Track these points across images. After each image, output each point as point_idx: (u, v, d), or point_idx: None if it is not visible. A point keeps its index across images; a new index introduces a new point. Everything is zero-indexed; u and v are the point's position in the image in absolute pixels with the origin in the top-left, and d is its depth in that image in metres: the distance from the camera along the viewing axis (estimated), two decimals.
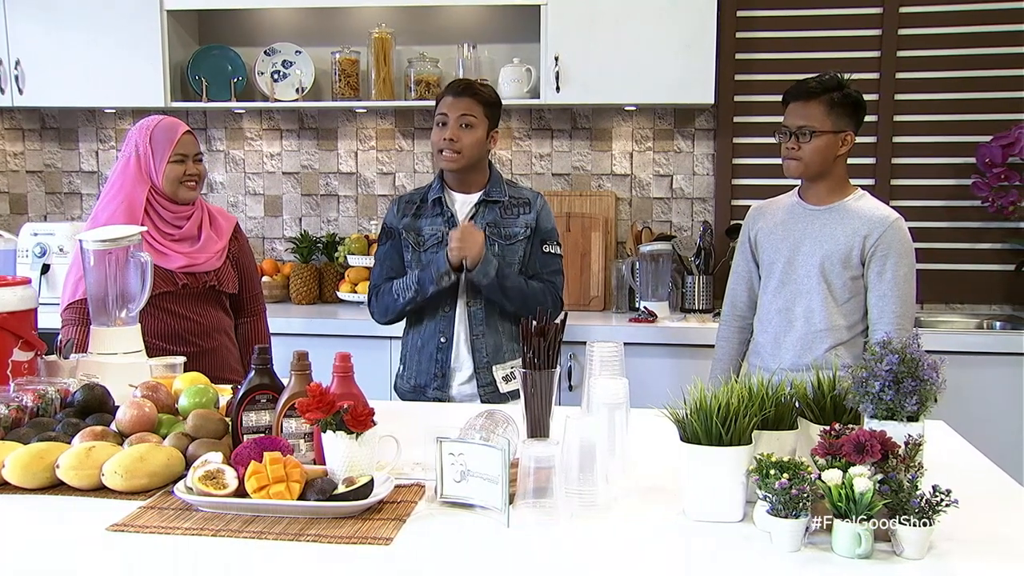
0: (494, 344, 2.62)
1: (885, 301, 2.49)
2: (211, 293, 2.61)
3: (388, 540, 1.42)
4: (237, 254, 2.71)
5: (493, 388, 2.62)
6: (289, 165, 4.20)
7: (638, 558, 1.39)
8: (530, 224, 2.63)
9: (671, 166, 3.99)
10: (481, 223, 2.60)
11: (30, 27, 3.83)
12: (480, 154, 2.61)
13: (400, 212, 2.70)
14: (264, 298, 2.88)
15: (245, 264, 2.75)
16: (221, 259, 2.63)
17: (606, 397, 1.74)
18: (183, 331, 2.56)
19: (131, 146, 2.55)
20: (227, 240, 2.66)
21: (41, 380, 2.01)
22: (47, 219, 4.33)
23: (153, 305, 2.48)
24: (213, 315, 2.63)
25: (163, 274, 2.49)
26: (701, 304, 3.76)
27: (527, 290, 2.59)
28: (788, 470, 1.40)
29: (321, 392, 1.57)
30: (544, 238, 2.66)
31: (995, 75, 3.72)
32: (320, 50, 3.97)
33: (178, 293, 2.54)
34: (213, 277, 2.59)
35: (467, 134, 2.56)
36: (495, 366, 2.62)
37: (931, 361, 1.53)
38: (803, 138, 2.49)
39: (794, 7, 3.81)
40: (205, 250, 2.59)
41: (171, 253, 2.54)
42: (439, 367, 2.63)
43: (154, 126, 2.55)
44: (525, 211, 2.64)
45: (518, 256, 2.62)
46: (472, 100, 2.58)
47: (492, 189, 2.65)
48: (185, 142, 2.55)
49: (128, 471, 1.60)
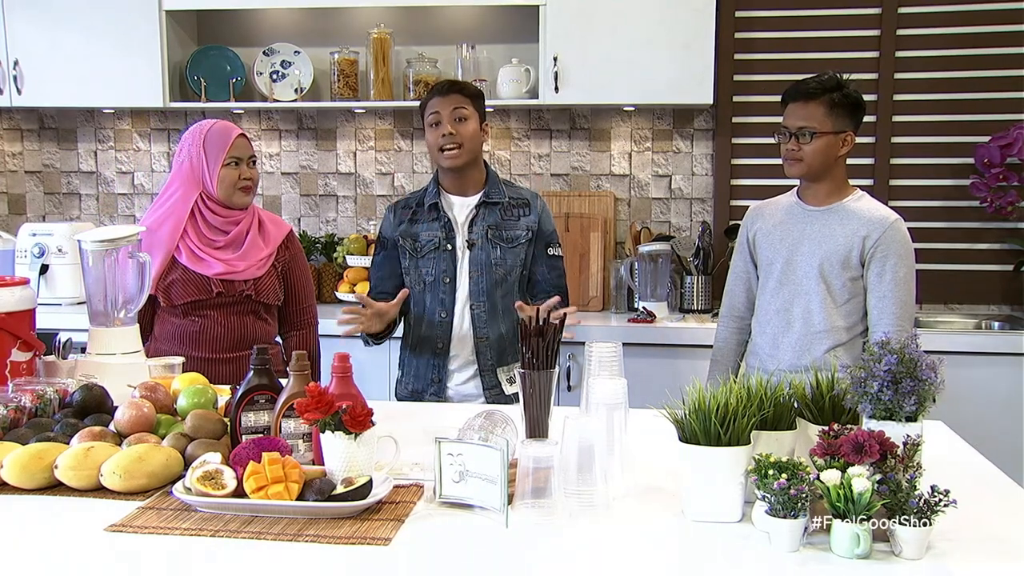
0: (499, 346, 2.62)
1: (885, 302, 2.48)
2: (247, 302, 2.54)
3: (387, 540, 1.42)
4: (288, 264, 2.63)
5: (499, 391, 2.62)
6: (288, 165, 4.20)
7: (637, 558, 1.39)
8: (531, 226, 2.63)
9: (670, 166, 3.99)
10: (482, 226, 2.60)
11: (28, 27, 3.82)
12: (479, 147, 2.63)
13: (396, 219, 2.69)
14: (317, 310, 2.77)
15: (296, 275, 2.66)
16: (263, 268, 2.54)
17: (605, 397, 1.73)
18: (215, 338, 2.50)
19: (184, 151, 2.50)
20: (274, 248, 2.58)
21: (40, 380, 2.01)
22: (46, 219, 4.33)
23: (185, 311, 2.47)
24: (248, 324, 2.55)
25: (198, 281, 2.46)
26: (700, 304, 3.76)
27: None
28: (787, 470, 1.40)
29: (320, 392, 1.57)
30: (548, 241, 2.67)
31: (994, 75, 3.72)
32: (319, 50, 3.97)
33: (212, 300, 2.48)
34: (251, 286, 2.51)
35: (464, 126, 2.57)
36: (499, 368, 2.63)
37: (929, 361, 1.53)
38: (804, 139, 2.49)
39: (793, 7, 3.82)
40: (246, 258, 2.52)
41: (210, 259, 2.48)
42: (436, 372, 2.64)
43: (207, 130, 2.50)
44: (525, 212, 2.64)
45: (520, 259, 2.62)
46: (460, 95, 2.59)
47: (491, 190, 2.64)
48: (239, 145, 2.50)
49: (127, 471, 1.60)
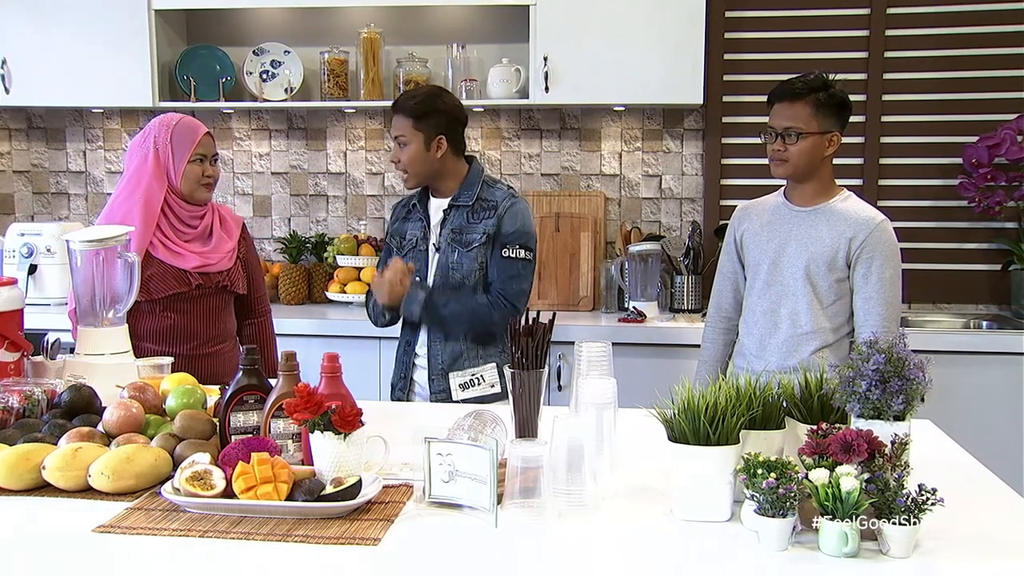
0: (451, 351, 2.61)
1: (871, 304, 2.48)
2: (221, 294, 2.59)
3: (376, 541, 1.42)
4: (245, 254, 2.69)
5: (446, 396, 2.61)
6: (278, 165, 4.19)
7: (626, 558, 1.39)
8: (488, 230, 2.57)
9: (660, 166, 3.99)
10: (448, 229, 2.61)
11: (17, 26, 3.81)
12: (429, 166, 2.59)
13: (393, 217, 2.77)
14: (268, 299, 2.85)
15: (253, 265, 2.73)
16: (232, 260, 2.60)
17: (594, 397, 1.74)
18: (194, 332, 2.53)
19: (149, 142, 2.50)
20: (236, 240, 2.65)
21: (28, 381, 2.01)
22: (34, 219, 4.30)
23: (164, 306, 2.47)
24: (223, 317, 2.61)
25: (177, 274, 2.48)
26: (690, 304, 3.77)
27: (467, 313, 2.55)
28: (775, 469, 1.41)
29: (309, 392, 1.57)
30: (505, 242, 2.58)
31: (982, 76, 3.74)
32: (309, 50, 3.96)
33: (190, 294, 2.51)
34: (226, 277, 2.57)
35: (404, 153, 2.59)
36: (452, 373, 2.61)
37: (917, 360, 1.53)
38: (789, 139, 2.49)
39: (783, 8, 3.83)
40: (218, 250, 2.57)
41: (185, 253, 2.51)
42: (404, 369, 2.70)
43: (175, 124, 2.51)
44: (488, 216, 2.59)
45: (477, 263, 2.58)
46: (399, 117, 2.59)
47: (462, 193, 2.62)
48: (205, 143, 2.53)
49: (115, 472, 1.60)
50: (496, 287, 2.58)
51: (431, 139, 2.57)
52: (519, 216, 2.60)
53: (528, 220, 2.62)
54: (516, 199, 2.63)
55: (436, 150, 2.58)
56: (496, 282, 2.58)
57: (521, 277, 2.59)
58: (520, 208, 2.61)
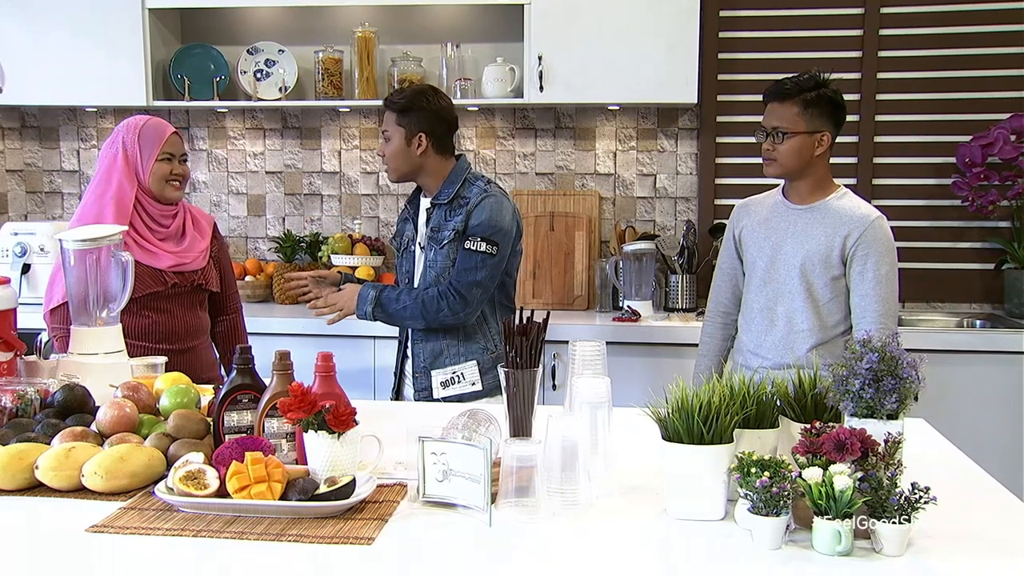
0: (432, 349, 2.65)
1: (867, 301, 2.47)
2: (197, 292, 2.62)
3: (370, 540, 1.42)
4: (217, 253, 2.73)
5: (428, 393, 2.65)
6: (272, 164, 4.19)
7: (620, 557, 1.39)
8: (457, 227, 2.60)
9: (654, 165, 4.00)
10: (430, 226, 2.66)
11: (10, 24, 3.80)
12: (408, 162, 2.64)
13: (399, 216, 2.86)
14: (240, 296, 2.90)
15: (224, 263, 2.78)
16: (206, 258, 2.64)
17: (589, 396, 1.73)
18: (170, 331, 2.56)
19: (117, 143, 2.55)
20: (209, 240, 2.69)
21: (21, 380, 2.00)
22: (28, 218, 4.29)
23: (140, 305, 2.48)
24: (198, 314, 2.65)
25: (153, 274, 2.50)
26: (684, 303, 3.77)
27: (416, 306, 2.59)
28: (769, 468, 1.41)
29: (303, 392, 1.57)
30: (468, 234, 2.59)
31: (975, 75, 3.75)
32: (303, 49, 3.95)
33: (166, 293, 2.54)
34: (200, 276, 2.61)
35: (387, 148, 2.65)
36: (433, 371, 2.65)
37: (911, 359, 1.54)
38: (777, 139, 2.50)
39: (777, 7, 3.83)
40: (192, 249, 2.61)
41: (160, 252, 2.54)
42: (397, 367, 2.80)
43: (142, 124, 2.56)
44: (460, 212, 2.61)
45: (449, 260, 2.62)
46: (388, 111, 2.65)
47: (442, 191, 2.65)
48: (172, 142, 2.57)
49: (108, 472, 1.60)
50: (452, 277, 2.61)
51: (412, 135, 2.61)
52: (487, 210, 2.59)
53: (498, 215, 2.60)
54: (489, 194, 2.62)
55: (416, 147, 2.61)
56: (453, 273, 2.61)
57: (476, 269, 2.58)
58: (490, 203, 2.60)
